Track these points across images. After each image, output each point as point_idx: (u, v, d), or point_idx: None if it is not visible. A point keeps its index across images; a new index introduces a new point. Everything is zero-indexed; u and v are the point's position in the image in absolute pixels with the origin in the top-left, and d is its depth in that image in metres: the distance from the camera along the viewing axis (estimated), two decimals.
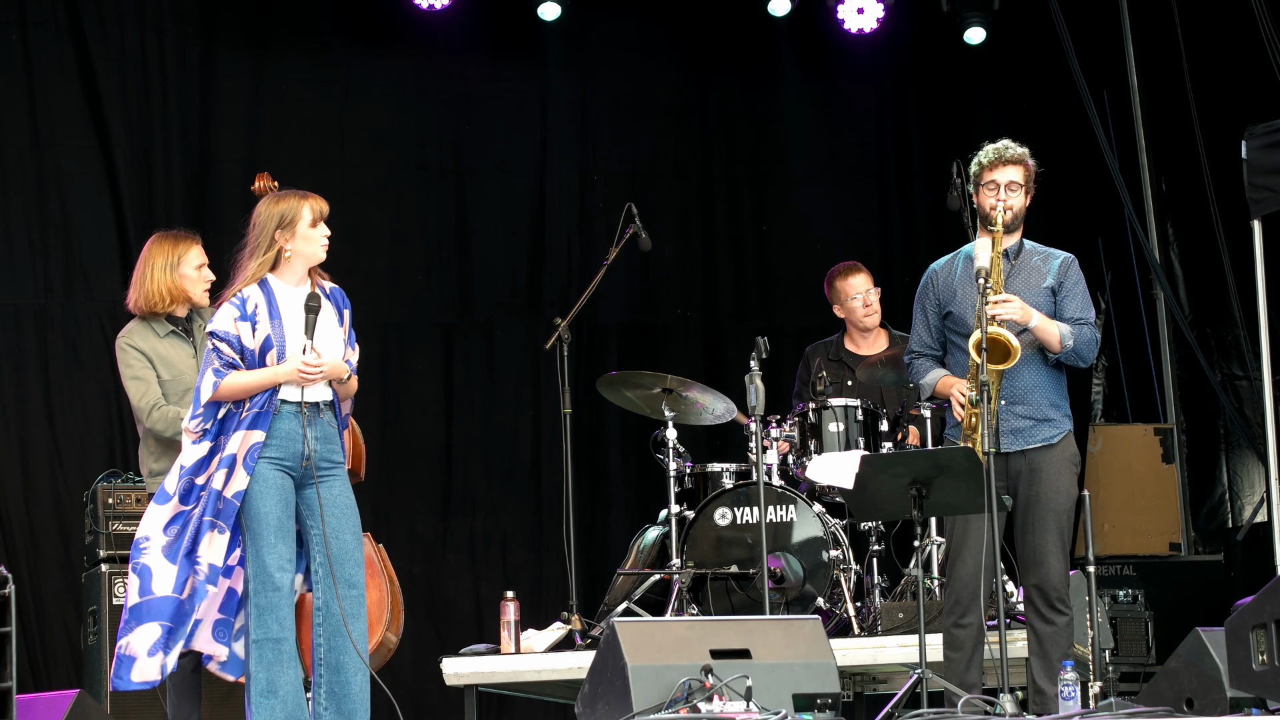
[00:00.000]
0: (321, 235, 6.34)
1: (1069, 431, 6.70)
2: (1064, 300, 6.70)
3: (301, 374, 6.21)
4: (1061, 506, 6.60)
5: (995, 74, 10.54)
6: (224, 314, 6.26)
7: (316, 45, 9.69)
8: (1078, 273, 6.76)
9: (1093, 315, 6.74)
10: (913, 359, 6.89)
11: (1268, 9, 8.97)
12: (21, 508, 8.83)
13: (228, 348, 6.22)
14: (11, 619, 5.82)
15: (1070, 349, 6.61)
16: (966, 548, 6.55)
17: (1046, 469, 6.60)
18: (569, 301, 8.63)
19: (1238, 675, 5.93)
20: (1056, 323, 6.61)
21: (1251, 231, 8.89)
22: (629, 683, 5.67)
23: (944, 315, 6.76)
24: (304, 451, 6.24)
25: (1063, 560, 6.59)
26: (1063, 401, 6.71)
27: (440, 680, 7.32)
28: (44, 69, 9.12)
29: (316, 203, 6.34)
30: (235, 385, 6.21)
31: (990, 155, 6.72)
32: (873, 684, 7.77)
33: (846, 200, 10.47)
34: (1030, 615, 6.61)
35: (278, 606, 6.18)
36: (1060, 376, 6.72)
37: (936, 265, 6.87)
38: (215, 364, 6.22)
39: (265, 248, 6.30)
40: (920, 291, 6.88)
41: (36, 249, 9.05)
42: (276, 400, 6.23)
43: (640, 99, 10.21)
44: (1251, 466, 10.35)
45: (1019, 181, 6.70)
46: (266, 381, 6.22)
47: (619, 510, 9.79)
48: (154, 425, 6.74)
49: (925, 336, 6.83)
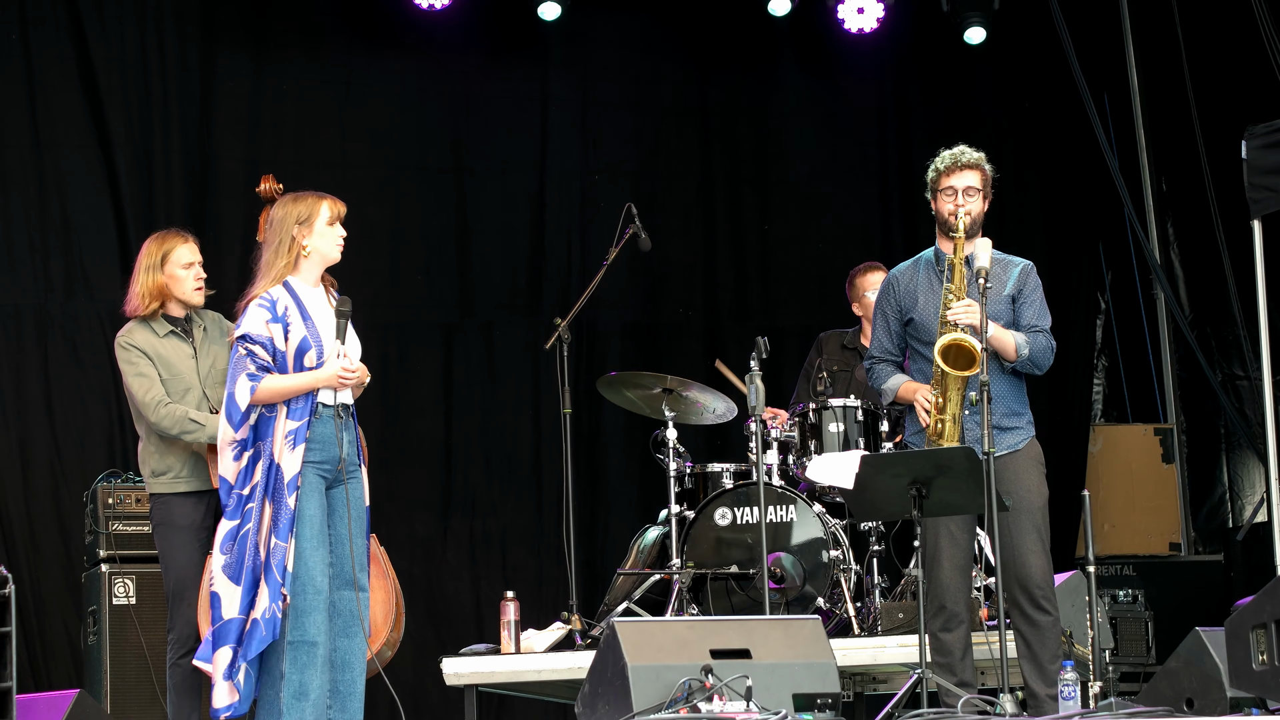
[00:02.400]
0: (338, 235, 6.35)
1: (1033, 436, 6.73)
2: (1021, 307, 6.71)
3: (341, 378, 6.20)
4: (1035, 505, 6.61)
5: (995, 74, 10.54)
6: (254, 316, 6.20)
7: (317, 45, 9.69)
8: (1036, 281, 6.76)
9: (1048, 323, 6.75)
10: (873, 364, 6.90)
11: (1268, 9, 8.97)
12: (21, 508, 8.83)
13: (262, 350, 6.17)
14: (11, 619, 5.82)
15: (1026, 357, 6.63)
16: (941, 552, 6.56)
17: (1016, 471, 6.61)
18: (569, 301, 8.63)
19: (1238, 675, 5.93)
20: (1012, 332, 6.62)
21: (1251, 231, 8.90)
22: (629, 683, 5.68)
23: (905, 322, 6.76)
24: (340, 454, 6.23)
25: (1044, 558, 6.59)
26: (1024, 409, 6.73)
27: (440, 680, 7.32)
28: (44, 69, 9.12)
29: (335, 203, 6.35)
30: (272, 389, 6.16)
31: (947, 160, 6.72)
32: (873, 684, 7.76)
33: (848, 200, 10.48)
34: (1015, 618, 6.57)
35: (317, 609, 6.15)
36: (1019, 384, 6.73)
37: (898, 271, 6.87)
38: (250, 368, 6.15)
39: (287, 246, 6.28)
40: (881, 296, 6.89)
41: (36, 249, 9.05)
42: (316, 403, 6.22)
43: (641, 99, 10.21)
44: (1251, 466, 10.35)
45: (976, 186, 6.68)
46: (305, 386, 6.18)
47: (619, 510, 9.79)
48: (160, 422, 6.72)
49: (886, 342, 6.84)
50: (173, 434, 6.71)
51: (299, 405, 6.17)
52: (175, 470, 6.76)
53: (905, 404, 6.80)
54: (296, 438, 6.13)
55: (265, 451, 6.15)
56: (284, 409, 6.17)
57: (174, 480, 6.77)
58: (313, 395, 6.20)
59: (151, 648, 7.70)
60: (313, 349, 6.19)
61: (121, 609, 7.83)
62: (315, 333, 6.21)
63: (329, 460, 6.22)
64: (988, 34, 10.06)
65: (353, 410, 6.38)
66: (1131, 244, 10.71)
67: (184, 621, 6.74)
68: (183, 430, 6.68)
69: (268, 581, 6.06)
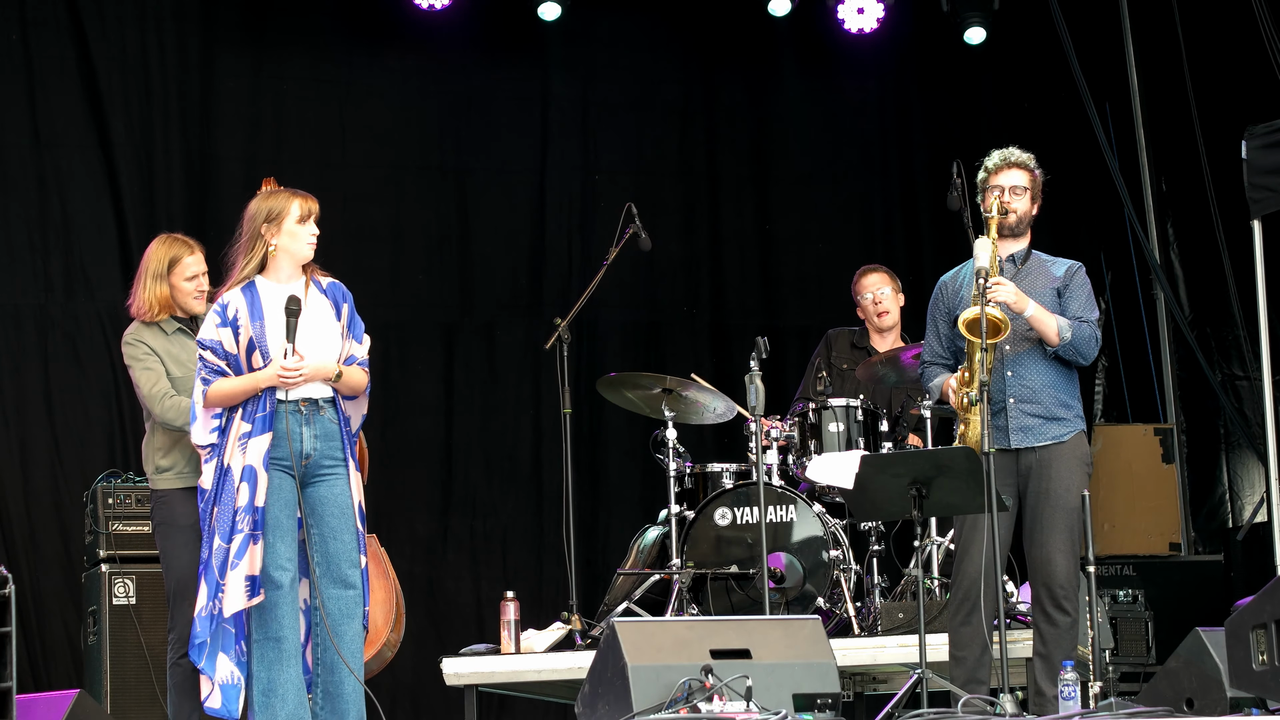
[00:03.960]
0: (309, 233, 6.33)
1: (1080, 431, 6.71)
2: (1068, 300, 6.75)
3: (281, 378, 6.21)
4: (1071, 504, 6.60)
5: (995, 74, 10.54)
6: (208, 322, 6.31)
7: (317, 45, 9.70)
8: (1084, 279, 6.81)
9: (1095, 316, 6.76)
10: (925, 368, 6.96)
11: (1268, 9, 8.97)
12: (21, 508, 8.83)
13: (212, 355, 6.25)
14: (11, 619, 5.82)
15: (1068, 341, 6.63)
16: (974, 545, 6.53)
17: (1057, 466, 6.60)
18: (570, 301, 8.63)
19: (1238, 675, 5.93)
20: (1055, 315, 6.64)
21: (1251, 231, 8.89)
22: (629, 683, 5.67)
23: (953, 323, 6.77)
24: (301, 450, 6.23)
25: (1070, 559, 6.59)
26: (1074, 401, 6.72)
27: (440, 680, 7.32)
28: (44, 69, 9.12)
29: (306, 200, 6.34)
30: (220, 392, 6.24)
31: (996, 160, 6.79)
32: (873, 684, 7.77)
33: (849, 199, 10.48)
34: (1036, 615, 6.60)
35: (277, 605, 6.18)
36: (1072, 375, 6.74)
37: (945, 277, 6.94)
38: (203, 373, 6.27)
39: (253, 245, 6.32)
40: (932, 303, 6.95)
41: (36, 249, 9.05)
42: (274, 401, 6.23)
43: (641, 98, 10.21)
44: (1251, 466, 10.34)
45: (1023, 185, 6.74)
46: (248, 387, 6.22)
47: (619, 510, 9.78)
48: (164, 414, 6.74)
49: (936, 346, 6.89)
50: (177, 425, 6.72)
51: (250, 406, 6.22)
52: (179, 466, 6.78)
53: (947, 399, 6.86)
54: (249, 437, 6.17)
55: (219, 455, 6.22)
56: (239, 411, 6.22)
57: (177, 476, 6.78)
58: (268, 395, 6.21)
59: (151, 648, 7.70)
60: (258, 350, 6.23)
61: (121, 609, 7.83)
62: (263, 332, 6.24)
63: (286, 455, 6.23)
64: (988, 34, 10.05)
65: (339, 405, 6.34)
66: (1131, 244, 10.70)
67: (184, 621, 6.73)
68: (187, 422, 6.69)
69: (206, 580, 6.14)
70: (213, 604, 6.14)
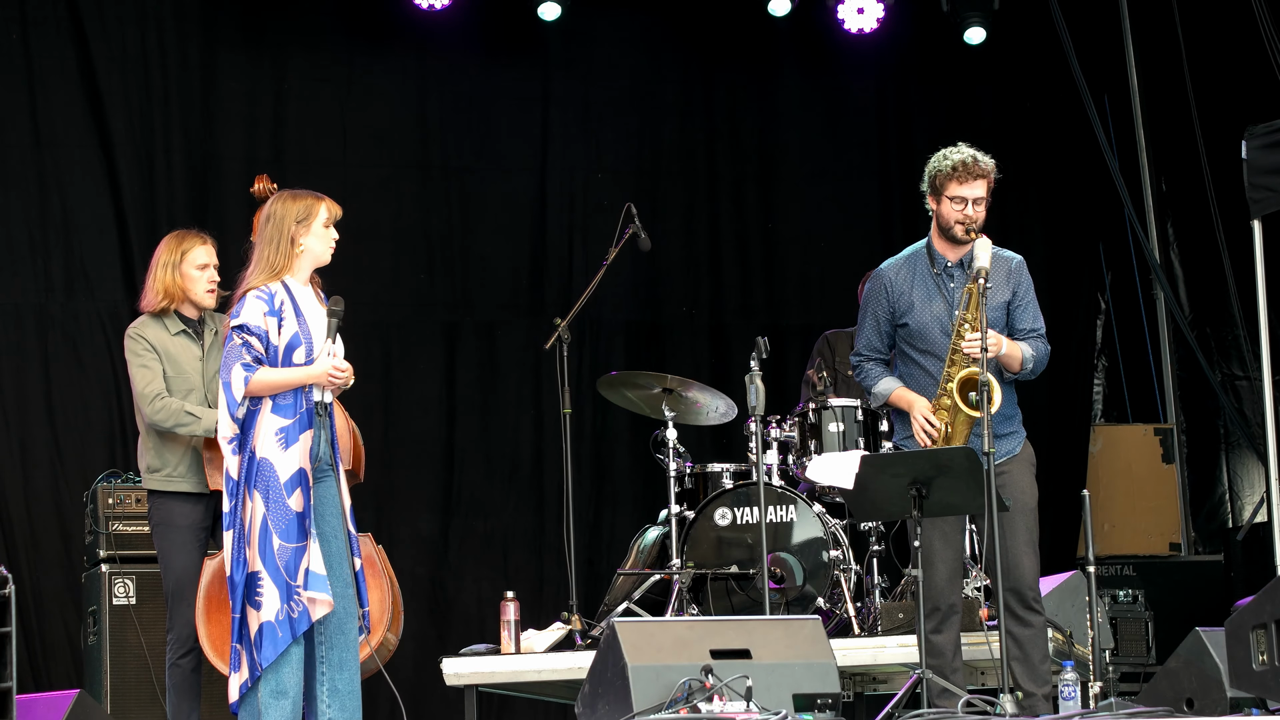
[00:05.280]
0: (331, 237, 6.31)
1: (1025, 438, 6.71)
2: (1017, 312, 6.66)
3: (331, 377, 6.17)
4: (1028, 506, 6.61)
5: (995, 74, 10.54)
6: (253, 307, 6.13)
7: (317, 45, 9.70)
8: (1028, 280, 6.69)
9: (1043, 325, 6.71)
10: (861, 362, 6.81)
11: (1268, 9, 8.97)
12: (21, 508, 8.83)
13: (257, 342, 6.10)
14: (11, 619, 5.82)
15: (1029, 371, 6.62)
16: (936, 554, 6.54)
17: (1014, 474, 6.61)
18: (570, 301, 8.63)
19: (1238, 675, 5.93)
20: (1021, 345, 6.59)
21: (1251, 231, 8.89)
22: (629, 683, 5.67)
23: (899, 324, 6.69)
24: (317, 452, 6.21)
25: (1034, 560, 6.59)
26: (1016, 412, 6.72)
27: (440, 680, 7.32)
28: (44, 69, 9.12)
29: (332, 205, 6.31)
30: (265, 382, 6.08)
31: (958, 167, 6.59)
32: (873, 684, 7.77)
33: (850, 198, 10.48)
34: (1007, 619, 6.51)
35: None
36: (1011, 387, 6.70)
37: (890, 268, 6.74)
38: (245, 358, 6.08)
39: (286, 243, 6.22)
40: (871, 294, 6.78)
41: (36, 249, 9.05)
42: (311, 400, 6.16)
43: (641, 98, 10.21)
44: (1251, 466, 10.35)
45: (984, 196, 6.61)
46: (295, 381, 6.11)
47: (620, 510, 9.79)
48: (154, 415, 6.72)
49: (875, 341, 6.77)
50: (166, 427, 6.71)
51: (286, 402, 6.10)
52: (171, 467, 6.76)
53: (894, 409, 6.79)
54: (289, 437, 6.08)
55: (246, 444, 6.10)
56: (268, 404, 6.10)
57: (168, 478, 6.76)
58: (302, 393, 6.15)
59: (151, 648, 7.70)
60: (302, 346, 6.14)
61: (121, 609, 7.83)
62: (306, 330, 6.18)
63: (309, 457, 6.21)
64: (988, 34, 10.05)
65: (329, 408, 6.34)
66: (1131, 244, 10.71)
67: (183, 622, 6.75)
68: (178, 423, 6.68)
69: (276, 583, 6.01)
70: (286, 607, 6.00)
